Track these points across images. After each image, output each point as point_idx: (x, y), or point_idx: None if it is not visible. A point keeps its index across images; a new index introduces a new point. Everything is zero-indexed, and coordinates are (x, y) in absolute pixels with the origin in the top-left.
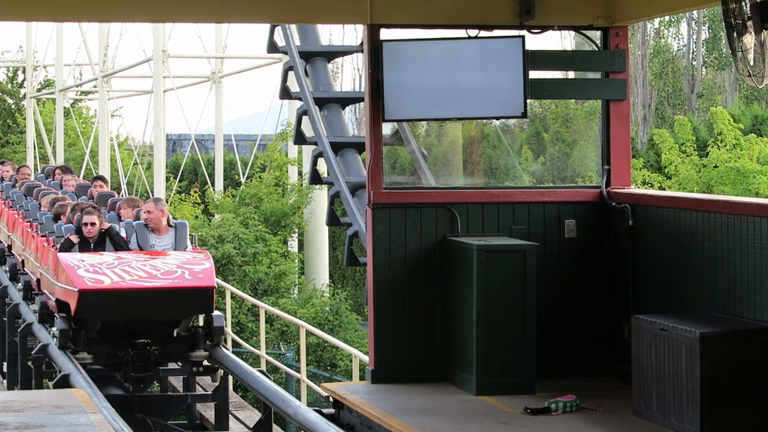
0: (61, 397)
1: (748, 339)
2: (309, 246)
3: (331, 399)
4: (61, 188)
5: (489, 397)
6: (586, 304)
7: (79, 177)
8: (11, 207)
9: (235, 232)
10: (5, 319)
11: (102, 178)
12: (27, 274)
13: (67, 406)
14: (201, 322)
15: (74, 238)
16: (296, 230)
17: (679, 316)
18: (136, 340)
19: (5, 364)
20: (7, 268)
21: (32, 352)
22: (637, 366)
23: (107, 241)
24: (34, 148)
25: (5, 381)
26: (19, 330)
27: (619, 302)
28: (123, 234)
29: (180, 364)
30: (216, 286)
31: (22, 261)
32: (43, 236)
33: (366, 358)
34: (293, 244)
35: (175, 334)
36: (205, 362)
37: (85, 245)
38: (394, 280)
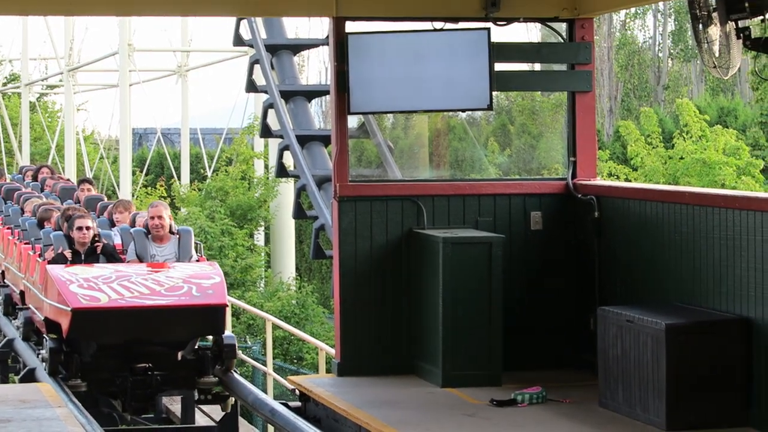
0: (26, 392)
1: (714, 330)
2: (275, 239)
3: (297, 392)
4: (42, 190)
5: (455, 389)
6: (552, 296)
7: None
8: None
9: (201, 226)
10: None
11: (89, 181)
12: (8, 286)
13: (32, 401)
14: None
15: (68, 254)
16: (262, 223)
17: (644, 308)
18: (136, 365)
19: None
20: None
21: None
22: (602, 357)
23: (99, 252)
24: (2, 141)
25: None
26: None
27: (585, 294)
28: (118, 240)
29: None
30: (228, 303)
31: (2, 272)
32: (27, 243)
33: (332, 351)
34: (259, 238)
35: (179, 358)
36: (215, 389)
37: (75, 256)
38: (361, 273)
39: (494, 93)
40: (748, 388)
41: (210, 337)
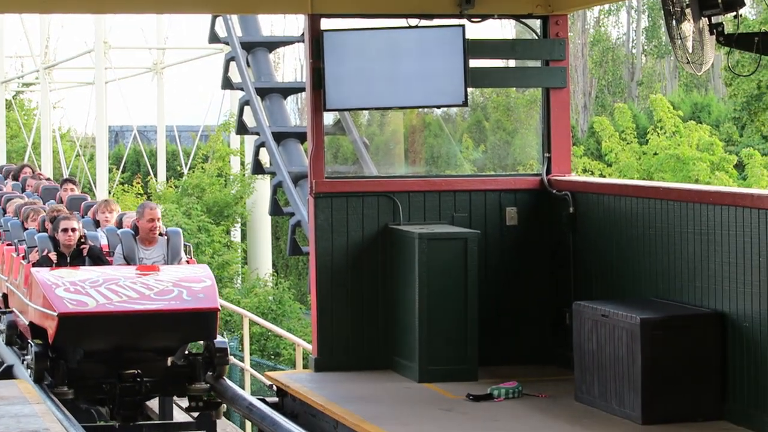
0: (4, 389)
1: (688, 324)
2: (252, 236)
3: (274, 388)
4: (24, 190)
5: (432, 384)
6: (528, 291)
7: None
8: None
9: (177, 223)
10: None
11: (72, 181)
12: None
13: (10, 397)
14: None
15: (53, 256)
16: (239, 220)
17: (619, 302)
18: (125, 371)
19: None
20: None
21: None
22: (578, 352)
23: (86, 254)
24: None
25: None
26: None
27: (561, 289)
28: (104, 242)
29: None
30: (220, 307)
31: None
32: (9, 245)
33: (309, 347)
34: (236, 234)
35: (169, 363)
36: (205, 396)
37: (61, 258)
38: (337, 269)
39: (469, 89)
40: (723, 382)
41: (201, 342)
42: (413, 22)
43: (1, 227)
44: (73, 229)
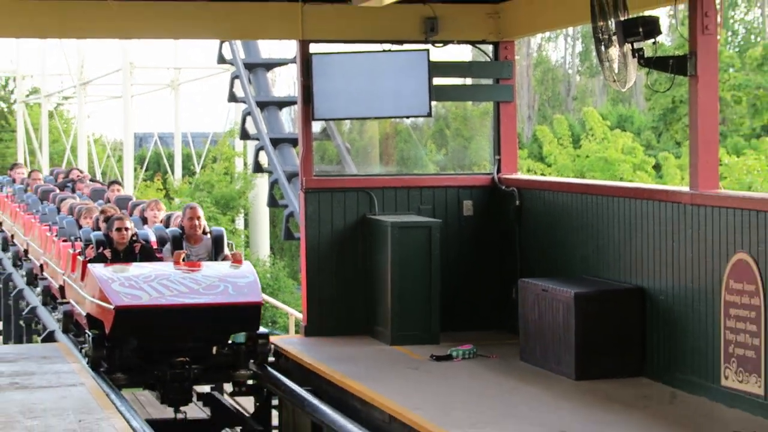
0: (47, 350)
1: (614, 297)
2: (253, 224)
3: (272, 350)
4: (74, 191)
5: (402, 346)
6: (481, 270)
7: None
8: (26, 211)
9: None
10: (0, 285)
11: (118, 182)
12: (46, 279)
13: (52, 357)
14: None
15: (108, 253)
16: (242, 211)
17: (557, 279)
18: (174, 359)
19: (0, 323)
20: (24, 273)
21: (23, 313)
22: (523, 321)
23: (137, 252)
24: (24, 145)
25: (2, 336)
26: (12, 294)
27: (508, 268)
28: (153, 238)
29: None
30: (263, 302)
31: (41, 265)
32: (65, 241)
33: (300, 316)
34: (240, 223)
35: (215, 352)
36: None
37: (114, 255)
38: (323, 252)
39: (432, 103)
40: (643, 345)
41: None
42: (386, 46)
43: (57, 224)
44: (126, 229)
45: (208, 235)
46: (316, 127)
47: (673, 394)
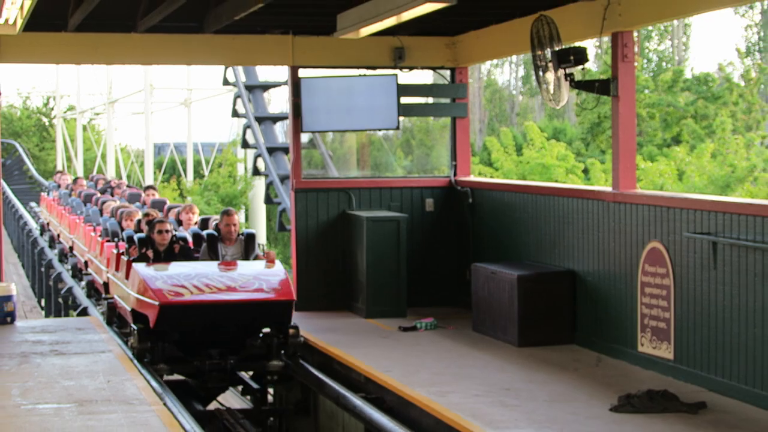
0: (81, 323)
1: (550, 278)
2: (252, 218)
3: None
4: (112, 195)
5: (375, 319)
6: (441, 256)
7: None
8: (70, 213)
9: (200, 210)
10: (42, 270)
11: (153, 187)
12: (90, 274)
13: (86, 329)
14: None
15: (150, 254)
16: (243, 207)
17: (503, 264)
18: (213, 350)
19: (43, 300)
20: (69, 267)
21: (62, 292)
22: (475, 298)
23: (177, 252)
24: (62, 153)
25: (43, 312)
26: (52, 277)
27: (463, 255)
28: (189, 239)
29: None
30: (295, 298)
31: (85, 262)
32: (109, 241)
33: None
34: (241, 217)
35: (250, 344)
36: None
37: (156, 255)
38: (310, 241)
39: (400, 117)
40: (573, 318)
41: None
42: (362, 71)
43: (100, 225)
44: (167, 231)
45: (242, 237)
46: (304, 138)
47: (599, 358)
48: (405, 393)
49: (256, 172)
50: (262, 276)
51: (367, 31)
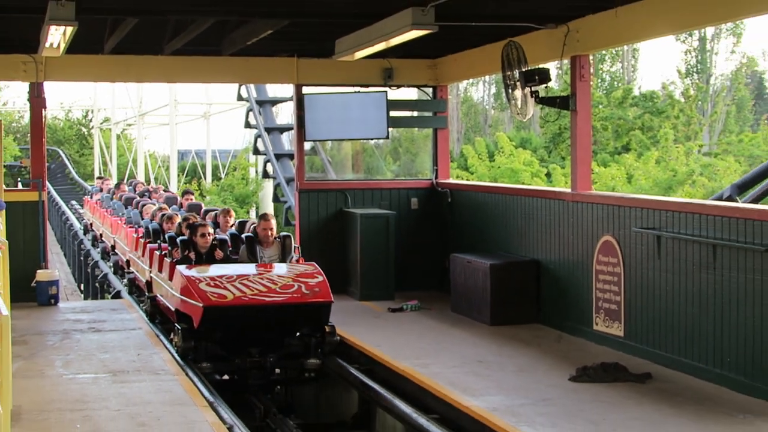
0: (115, 304)
1: (518, 267)
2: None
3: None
4: (150, 199)
5: (367, 302)
6: (424, 248)
7: (124, 179)
8: (112, 214)
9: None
10: (81, 258)
11: (190, 192)
12: (132, 272)
13: (119, 309)
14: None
15: (192, 256)
16: (254, 205)
17: (477, 254)
18: (253, 349)
19: (82, 285)
20: (111, 264)
21: (98, 278)
22: (453, 283)
23: (218, 258)
24: (99, 158)
25: (82, 295)
26: (90, 264)
27: (443, 246)
28: (228, 242)
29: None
30: (333, 300)
31: (128, 261)
32: (150, 242)
33: None
34: (253, 214)
35: (289, 343)
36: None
37: (197, 257)
38: (312, 235)
39: (389, 128)
40: (538, 301)
41: None
42: (357, 89)
43: (141, 227)
44: (209, 234)
45: (278, 239)
46: (307, 145)
47: (559, 335)
48: (393, 365)
49: (265, 175)
50: (301, 278)
51: (360, 54)
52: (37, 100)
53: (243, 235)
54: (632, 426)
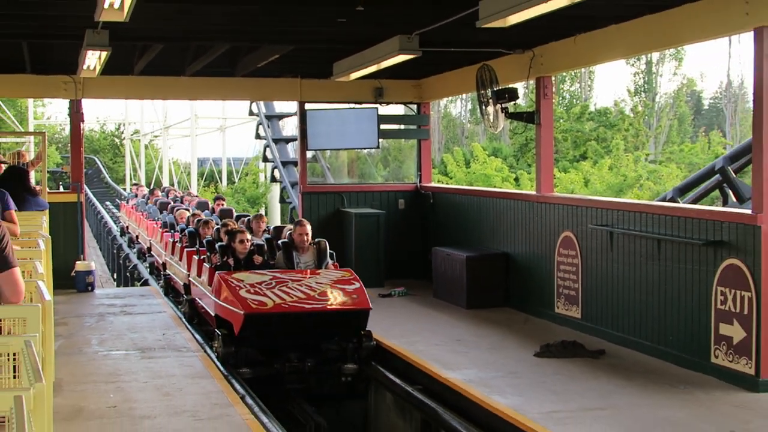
0: (143, 291)
1: (490, 258)
2: (270, 214)
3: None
4: (182, 203)
5: None
6: (410, 242)
7: (151, 183)
8: (147, 218)
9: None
10: (114, 251)
11: (222, 198)
12: (169, 275)
13: (147, 295)
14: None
15: (230, 261)
16: (264, 205)
17: (456, 248)
18: (292, 354)
19: (115, 274)
20: (147, 265)
21: (129, 268)
22: (435, 273)
23: (257, 263)
24: (129, 165)
25: (115, 283)
26: (122, 257)
27: (426, 241)
28: (264, 246)
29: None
30: (371, 307)
31: (164, 263)
32: (187, 247)
33: None
34: (262, 213)
35: (327, 348)
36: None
37: (236, 263)
38: (314, 232)
39: (380, 139)
40: (507, 288)
41: None
42: (352, 105)
43: (176, 231)
44: (247, 240)
45: (313, 245)
46: (309, 154)
47: (526, 317)
48: (383, 343)
49: (273, 179)
50: (338, 285)
51: (355, 75)
52: (76, 115)
53: (279, 241)
54: (588, 395)
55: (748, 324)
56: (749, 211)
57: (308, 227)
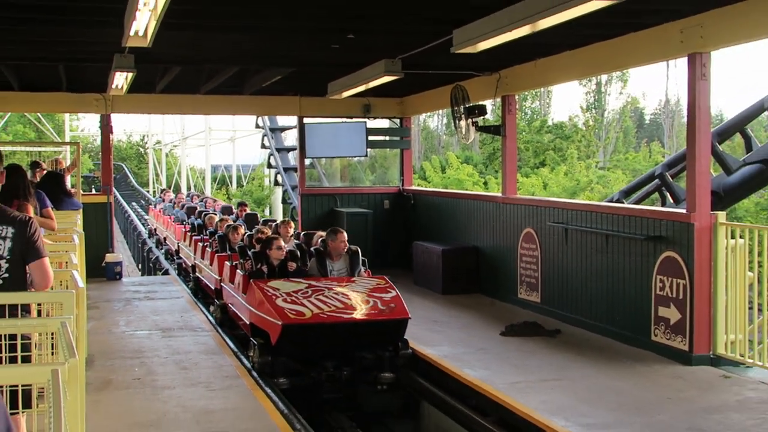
0: (164, 279)
1: (463, 252)
2: (273, 214)
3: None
4: (206, 207)
5: None
6: (393, 238)
7: (169, 189)
8: (175, 221)
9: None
10: (139, 245)
11: (245, 204)
12: (199, 277)
13: (167, 283)
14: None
15: (264, 269)
16: (268, 206)
17: (433, 242)
18: (328, 363)
19: (140, 264)
20: (175, 266)
21: (152, 259)
22: (415, 264)
23: (290, 270)
24: (152, 171)
25: (140, 272)
26: (146, 250)
27: (408, 237)
28: (297, 253)
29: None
30: (410, 316)
31: (193, 266)
32: (218, 253)
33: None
34: (267, 213)
35: (364, 357)
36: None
37: (270, 270)
38: (311, 228)
39: (368, 149)
40: (478, 276)
41: None
42: (344, 119)
43: (207, 235)
44: (282, 247)
45: (347, 253)
46: (307, 161)
47: (492, 302)
48: None
49: (276, 183)
50: (375, 293)
51: (347, 93)
52: (106, 127)
53: (312, 248)
54: (546, 368)
55: (683, 307)
56: (684, 211)
57: (345, 235)
